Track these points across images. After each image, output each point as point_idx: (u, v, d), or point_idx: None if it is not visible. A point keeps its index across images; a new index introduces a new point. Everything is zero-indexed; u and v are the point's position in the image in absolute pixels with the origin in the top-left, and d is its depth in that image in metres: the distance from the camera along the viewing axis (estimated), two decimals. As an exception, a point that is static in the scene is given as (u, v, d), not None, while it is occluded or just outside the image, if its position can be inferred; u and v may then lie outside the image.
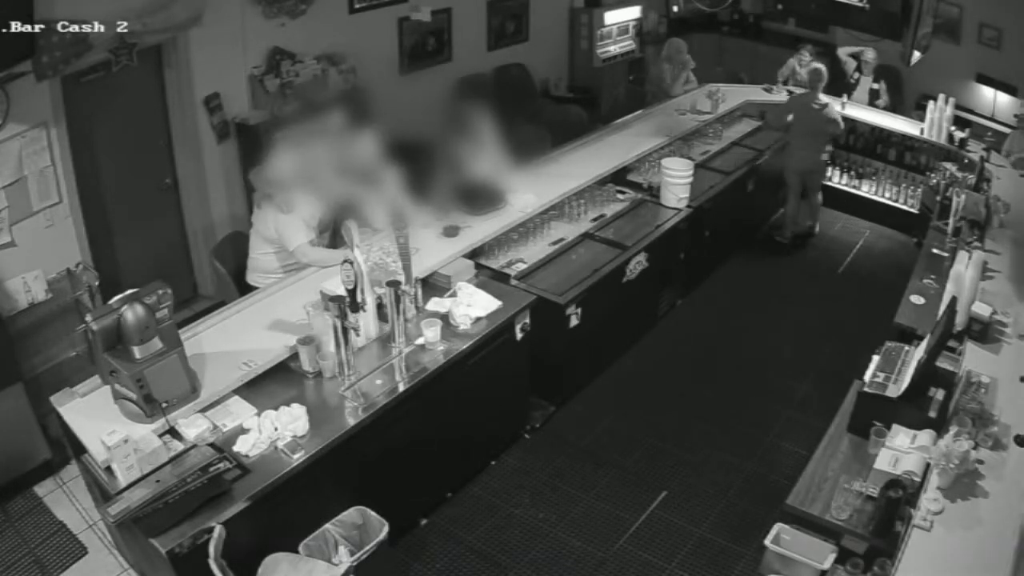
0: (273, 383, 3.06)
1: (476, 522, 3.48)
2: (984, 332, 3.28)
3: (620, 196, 4.82)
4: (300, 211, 3.60)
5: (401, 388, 3.11)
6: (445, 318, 3.45)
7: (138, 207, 4.60)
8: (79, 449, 2.78)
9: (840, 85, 6.25)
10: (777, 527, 2.69)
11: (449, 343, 3.33)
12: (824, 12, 4.88)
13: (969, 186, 4.60)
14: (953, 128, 5.45)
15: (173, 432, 2.76)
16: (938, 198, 4.75)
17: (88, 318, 2.64)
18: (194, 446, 2.72)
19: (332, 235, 3.82)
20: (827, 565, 2.54)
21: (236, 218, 4.87)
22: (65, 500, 3.55)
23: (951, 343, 3.18)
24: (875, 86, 6.21)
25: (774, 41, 7.80)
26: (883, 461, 2.65)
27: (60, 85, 3.82)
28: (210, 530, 2.43)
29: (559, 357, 4.03)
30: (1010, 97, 6.01)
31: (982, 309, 3.30)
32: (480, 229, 4.09)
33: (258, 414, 2.87)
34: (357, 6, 5.41)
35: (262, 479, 2.64)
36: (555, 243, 4.31)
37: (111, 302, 2.71)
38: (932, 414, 2.79)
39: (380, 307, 3.33)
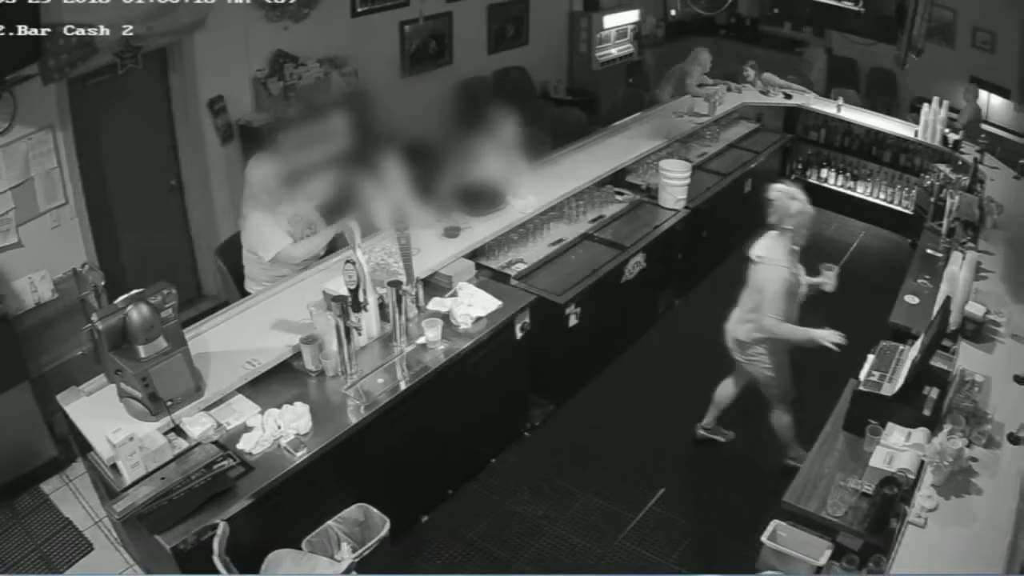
0: (276, 382, 3.09)
1: (477, 519, 3.51)
2: (978, 331, 3.31)
3: (619, 197, 4.86)
4: (282, 213, 3.55)
5: (403, 387, 3.15)
6: (446, 318, 3.48)
7: (143, 208, 4.63)
8: (85, 447, 2.80)
9: None
10: (774, 524, 2.73)
11: (450, 342, 3.37)
12: (819, 15, 4.93)
13: (963, 188, 4.64)
14: (947, 130, 5.50)
15: (178, 430, 2.79)
16: (932, 199, 4.78)
17: (94, 318, 2.67)
18: (198, 444, 2.75)
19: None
20: (823, 561, 2.57)
21: (240, 219, 4.90)
22: (71, 497, 3.58)
23: (945, 342, 3.21)
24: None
25: (771, 44, 7.85)
26: (878, 459, 2.68)
27: (66, 88, 3.86)
28: (214, 527, 2.45)
29: (558, 356, 4.07)
30: (1003, 100, 6.05)
31: (976, 309, 3.33)
32: (480, 230, 4.12)
33: (262, 412, 2.90)
34: (359, 10, 5.45)
35: (265, 476, 2.67)
36: (554, 244, 4.34)
37: (116, 302, 2.73)
38: (926, 412, 2.82)
39: (382, 307, 3.36)
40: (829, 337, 3.22)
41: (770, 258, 3.31)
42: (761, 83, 6.48)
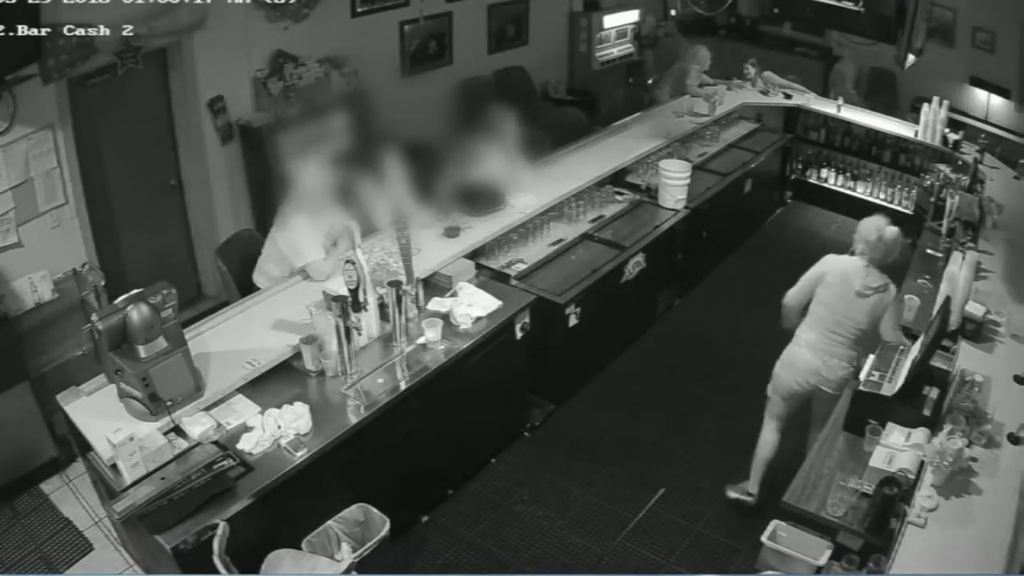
0: (276, 382, 3.10)
1: (476, 519, 3.52)
2: (978, 331, 3.31)
3: (618, 197, 4.86)
4: (323, 222, 3.55)
5: (403, 387, 3.15)
6: (446, 318, 3.49)
7: (143, 208, 4.63)
8: (85, 447, 2.80)
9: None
10: (774, 524, 2.73)
11: (450, 342, 3.37)
12: (819, 15, 4.93)
13: (963, 187, 4.64)
14: (947, 130, 5.51)
15: (178, 430, 2.79)
16: (932, 199, 4.79)
17: (94, 318, 2.67)
18: (198, 444, 2.75)
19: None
20: (823, 561, 2.58)
21: (239, 218, 4.91)
22: (71, 497, 3.59)
23: (945, 342, 3.21)
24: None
25: (770, 45, 7.85)
26: (878, 459, 2.69)
27: (66, 88, 3.87)
28: (214, 527, 2.46)
29: (558, 356, 4.07)
30: (1003, 100, 6.06)
31: (976, 309, 3.33)
32: (480, 230, 4.13)
33: (262, 412, 2.90)
34: (359, 10, 5.46)
35: (265, 476, 2.67)
36: (554, 244, 4.35)
37: (116, 302, 2.74)
38: (926, 412, 2.83)
39: (382, 307, 3.37)
40: None
41: (885, 282, 3.25)
42: (762, 81, 6.48)
